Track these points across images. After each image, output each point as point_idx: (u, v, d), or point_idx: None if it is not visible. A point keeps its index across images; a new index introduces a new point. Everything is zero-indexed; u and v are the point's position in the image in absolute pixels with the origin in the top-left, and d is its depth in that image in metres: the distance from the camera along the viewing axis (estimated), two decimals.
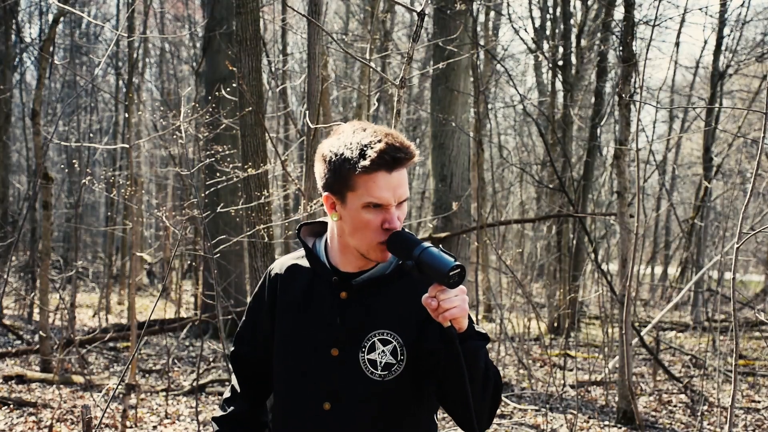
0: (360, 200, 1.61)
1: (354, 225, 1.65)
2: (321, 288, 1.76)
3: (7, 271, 5.39)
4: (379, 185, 1.59)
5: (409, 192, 1.67)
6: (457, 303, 1.56)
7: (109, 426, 5.82)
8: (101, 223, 22.78)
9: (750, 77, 15.11)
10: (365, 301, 1.73)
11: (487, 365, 1.67)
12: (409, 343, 1.71)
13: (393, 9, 12.41)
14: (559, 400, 7.09)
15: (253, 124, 4.52)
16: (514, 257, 12.68)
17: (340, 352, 1.72)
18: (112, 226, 13.92)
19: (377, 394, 1.71)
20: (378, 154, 1.57)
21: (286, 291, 1.81)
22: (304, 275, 1.80)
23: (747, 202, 3.01)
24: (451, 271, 1.53)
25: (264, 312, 1.86)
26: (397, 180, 1.61)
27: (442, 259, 1.56)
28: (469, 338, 1.64)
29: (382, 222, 1.62)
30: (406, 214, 1.68)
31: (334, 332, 1.72)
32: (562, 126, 11.23)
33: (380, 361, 1.70)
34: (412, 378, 1.72)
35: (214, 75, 10.45)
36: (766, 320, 3.34)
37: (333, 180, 1.64)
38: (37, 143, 7.81)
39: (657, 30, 13.96)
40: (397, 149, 1.60)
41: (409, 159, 1.62)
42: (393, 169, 1.60)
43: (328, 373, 1.73)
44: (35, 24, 17.53)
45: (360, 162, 1.58)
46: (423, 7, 2.75)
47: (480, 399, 1.67)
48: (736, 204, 11.87)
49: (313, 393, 1.74)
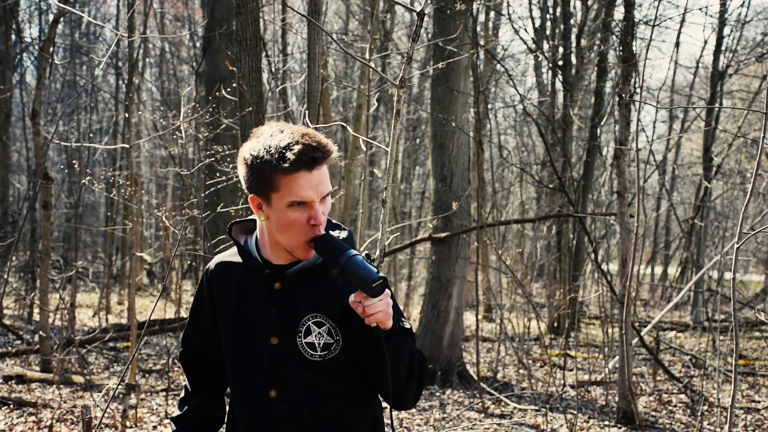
0: (284, 200, 1.67)
1: (280, 224, 1.71)
2: (255, 282, 1.82)
3: (7, 271, 5.39)
4: (300, 185, 1.65)
5: (331, 186, 1.73)
6: (381, 308, 1.65)
7: (109, 426, 5.82)
8: (101, 223, 22.78)
9: (750, 77, 15.11)
10: (297, 290, 1.80)
11: (412, 359, 1.78)
12: (342, 322, 1.78)
13: (393, 9, 12.41)
14: (559, 400, 7.09)
15: (253, 124, 4.52)
16: (514, 257, 12.68)
17: (279, 340, 1.79)
18: (112, 226, 13.92)
19: (320, 375, 1.78)
20: (296, 156, 1.63)
21: (222, 287, 1.88)
22: (237, 271, 1.86)
23: (747, 202, 3.01)
24: (374, 283, 1.61)
25: (204, 309, 1.93)
26: (318, 177, 1.68)
27: (365, 270, 1.63)
28: (394, 335, 1.73)
29: (307, 219, 1.69)
30: (330, 207, 1.75)
31: (271, 322, 1.79)
32: (562, 126, 11.23)
33: (318, 342, 1.77)
34: (351, 356, 1.80)
35: (214, 75, 10.45)
36: (766, 320, 3.34)
37: (256, 182, 1.69)
38: (37, 143, 7.81)
39: (657, 30, 13.96)
40: (315, 149, 1.66)
41: (327, 157, 1.69)
42: (313, 167, 1.66)
43: (271, 361, 1.79)
44: (35, 24, 17.52)
45: (280, 164, 1.64)
46: (423, 7, 2.75)
47: (404, 388, 1.78)
48: (736, 204, 11.88)
49: (259, 382, 1.81)
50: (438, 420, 6.47)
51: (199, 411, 1.99)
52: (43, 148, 8.15)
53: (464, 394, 7.59)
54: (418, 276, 15.37)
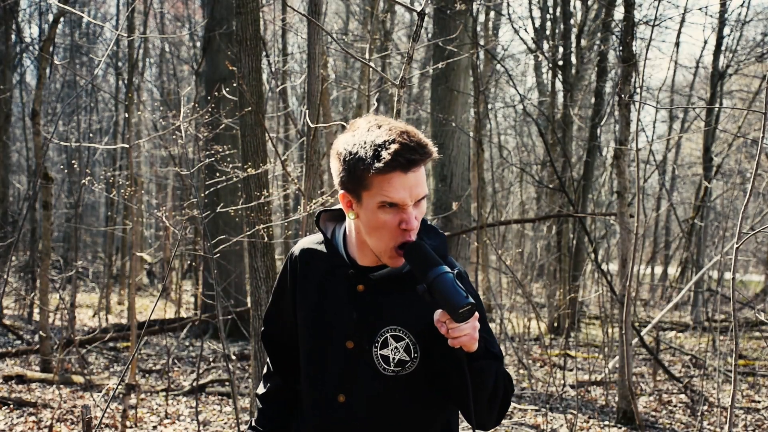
0: (375, 200, 1.58)
1: (370, 225, 1.62)
2: (338, 278, 1.75)
3: (7, 271, 5.39)
4: (394, 186, 1.56)
5: (427, 189, 1.63)
6: (466, 332, 1.54)
7: (109, 426, 5.82)
8: (101, 223, 22.78)
9: (750, 77, 15.11)
10: (381, 296, 1.71)
11: (497, 383, 1.67)
12: (422, 341, 1.70)
13: (393, 9, 12.41)
14: (559, 400, 7.09)
15: (253, 124, 4.52)
16: (514, 257, 12.68)
17: (355, 345, 1.72)
18: (112, 226, 13.92)
19: (390, 389, 1.70)
20: (392, 156, 1.53)
21: (306, 276, 1.81)
22: (322, 261, 1.79)
23: (747, 202, 3.01)
24: (461, 309, 1.51)
25: (286, 295, 1.87)
26: (414, 179, 1.57)
27: (454, 293, 1.52)
28: (479, 359, 1.62)
29: (399, 222, 1.59)
30: (425, 211, 1.65)
31: (350, 325, 1.72)
32: (562, 126, 11.23)
33: (393, 357, 1.69)
34: (426, 375, 1.71)
35: (214, 75, 10.45)
36: (766, 320, 3.34)
37: (348, 179, 1.61)
38: (37, 143, 7.81)
39: (657, 30, 13.96)
40: (413, 150, 1.55)
41: (426, 158, 1.58)
42: (409, 169, 1.56)
43: (343, 365, 1.73)
44: (35, 24, 17.54)
45: (374, 163, 1.54)
46: (423, 7, 2.75)
47: (486, 414, 1.68)
48: (736, 204, 11.88)
49: (329, 384, 1.75)
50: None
51: (281, 389, 1.95)
52: (43, 148, 8.16)
53: None
54: None
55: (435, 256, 1.59)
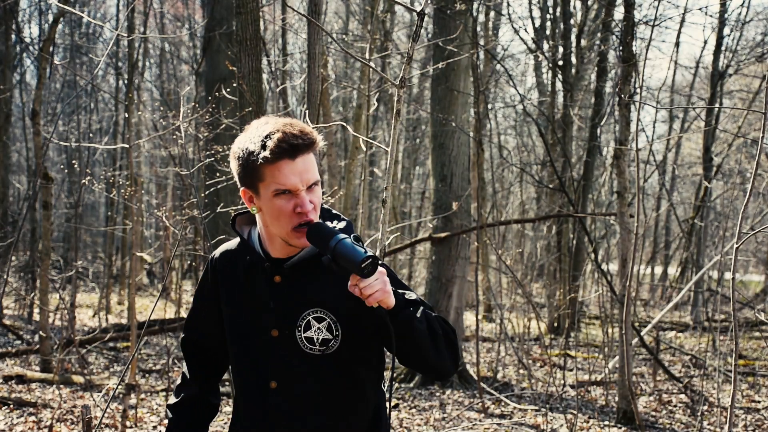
0: (269, 189, 1.70)
1: (270, 214, 1.74)
2: (257, 274, 1.85)
3: (7, 271, 5.39)
4: (284, 172, 1.67)
5: (318, 176, 1.74)
6: (377, 287, 1.64)
7: (109, 426, 5.82)
8: (101, 223, 22.78)
9: (750, 77, 15.11)
10: (298, 283, 1.82)
11: (430, 324, 1.74)
12: (344, 318, 1.79)
13: (393, 9, 12.40)
14: (559, 400, 7.09)
15: None
16: (514, 257, 12.68)
17: (279, 332, 1.81)
18: (112, 226, 13.92)
19: (318, 368, 1.80)
20: (276, 144, 1.66)
21: (226, 276, 1.91)
22: (241, 261, 1.89)
23: (747, 202, 3.01)
24: (363, 263, 1.61)
25: (208, 297, 1.96)
26: (302, 165, 1.69)
27: (353, 252, 1.63)
28: (400, 311, 1.71)
29: (293, 207, 1.70)
30: (320, 196, 1.76)
31: (272, 314, 1.82)
32: (562, 126, 11.23)
33: (317, 337, 1.79)
34: (351, 351, 1.81)
35: (214, 75, 10.45)
36: (766, 320, 3.34)
37: (244, 174, 1.73)
38: (37, 143, 7.81)
39: (657, 30, 13.96)
40: (295, 136, 1.68)
41: (310, 144, 1.70)
42: (295, 155, 1.68)
43: (271, 353, 1.83)
44: (35, 24, 17.54)
45: (262, 153, 1.67)
46: (423, 7, 2.75)
47: (436, 356, 1.76)
48: (736, 204, 11.88)
49: (260, 373, 1.85)
50: (438, 420, 6.47)
51: (196, 399, 2.02)
52: (43, 148, 8.15)
53: (464, 394, 7.59)
54: (418, 276, 15.37)
55: (332, 229, 1.70)
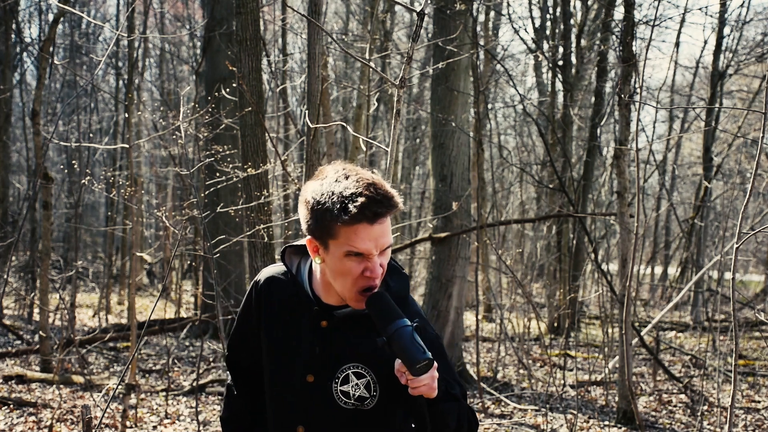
0: (341, 249, 1.62)
1: (335, 271, 1.67)
2: (302, 313, 1.79)
3: (7, 271, 5.39)
4: (360, 237, 1.60)
5: (392, 239, 1.67)
6: (425, 383, 1.59)
7: (109, 426, 5.83)
8: (101, 223, 22.78)
9: (750, 77, 15.11)
10: (344, 333, 1.75)
11: (460, 423, 1.72)
12: (384, 378, 1.74)
13: (393, 9, 12.41)
14: (559, 400, 7.09)
15: (253, 124, 4.52)
16: (514, 257, 12.68)
17: (316, 379, 1.76)
18: (112, 226, 13.92)
19: (349, 422, 1.75)
20: (359, 209, 1.57)
21: (271, 306, 1.84)
22: (287, 294, 1.82)
23: (747, 202, 3.01)
24: (418, 365, 1.56)
25: (251, 321, 1.90)
26: (379, 231, 1.61)
27: (412, 349, 1.57)
28: (440, 402, 1.67)
29: (363, 270, 1.64)
30: (389, 258, 1.70)
31: (312, 360, 1.76)
32: (562, 126, 11.23)
33: (353, 393, 1.74)
34: (385, 411, 1.76)
35: (214, 75, 10.45)
36: (766, 320, 3.34)
37: (315, 227, 1.64)
38: (37, 143, 7.81)
39: (657, 30, 13.96)
40: (379, 203, 1.59)
41: (391, 211, 1.62)
42: (375, 221, 1.60)
43: (303, 398, 1.77)
44: (35, 24, 17.54)
45: (341, 215, 1.58)
46: (423, 7, 2.75)
47: None
48: (736, 204, 11.88)
49: (289, 414, 1.79)
50: None
51: (244, 413, 1.98)
52: (43, 148, 8.16)
53: None
54: (418, 276, 15.36)
55: (396, 308, 1.63)
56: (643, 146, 11.52)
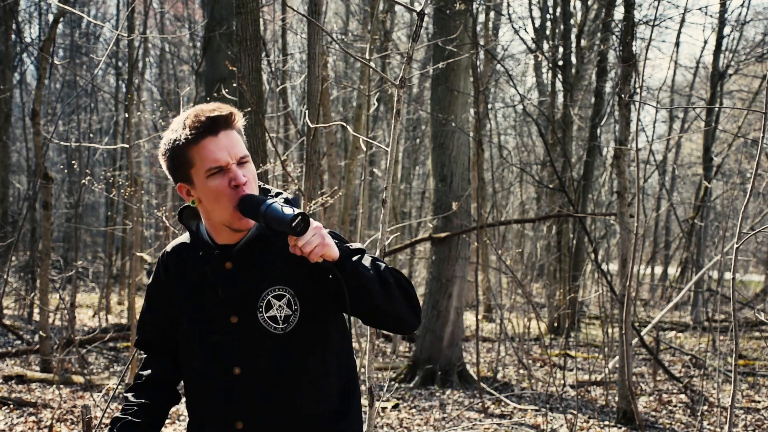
0: (201, 172, 1.69)
1: (209, 199, 1.72)
2: (208, 263, 1.82)
3: (7, 271, 5.40)
4: (210, 149, 1.68)
5: (245, 150, 1.73)
6: (316, 242, 1.63)
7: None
8: (101, 223, 22.78)
9: (750, 77, 15.11)
10: (250, 266, 1.80)
11: (377, 270, 1.72)
12: (300, 289, 1.78)
13: (393, 9, 12.41)
14: (559, 400, 7.09)
15: (253, 124, 4.52)
16: (514, 257, 12.68)
17: (239, 318, 1.79)
18: (112, 226, 13.92)
19: (282, 347, 1.78)
20: (193, 122, 1.67)
21: (180, 271, 1.89)
22: (193, 254, 1.87)
23: (747, 202, 3.01)
24: (293, 222, 1.61)
25: (160, 295, 1.93)
26: (226, 140, 1.69)
27: (282, 213, 1.63)
28: (346, 260, 1.69)
29: (229, 182, 1.69)
30: (253, 173, 1.75)
31: (228, 301, 1.80)
32: (562, 126, 11.23)
33: (279, 315, 1.77)
34: (312, 324, 1.79)
35: (214, 75, 10.44)
36: (766, 320, 3.34)
37: (173, 166, 1.73)
38: (37, 143, 7.81)
39: (657, 30, 13.96)
40: (211, 111, 1.68)
41: (228, 117, 1.70)
42: (217, 131, 1.68)
43: (232, 339, 1.79)
44: (35, 24, 17.52)
45: (182, 134, 1.68)
46: (423, 7, 2.75)
47: (389, 302, 1.72)
48: (736, 204, 11.88)
49: (222, 361, 1.81)
50: (438, 420, 6.47)
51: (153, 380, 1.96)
52: (43, 148, 8.16)
53: (464, 394, 7.59)
54: (418, 276, 15.37)
55: (260, 198, 1.68)
56: (643, 146, 11.52)
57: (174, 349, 1.96)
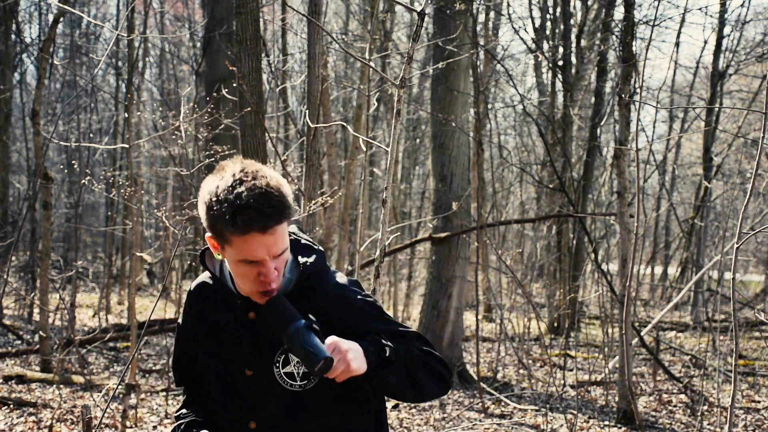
0: (234, 255, 1.61)
1: (233, 272, 1.67)
2: (230, 309, 1.77)
3: (7, 271, 5.39)
4: (251, 247, 1.58)
5: (286, 242, 1.64)
6: (340, 368, 1.56)
7: (109, 426, 5.82)
8: (101, 223, 22.78)
9: (750, 77, 15.11)
10: None
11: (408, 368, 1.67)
12: None
13: (393, 9, 12.41)
14: (559, 400, 7.09)
15: (253, 124, 4.52)
16: (514, 257, 12.68)
17: (254, 371, 1.74)
18: (112, 226, 13.92)
19: (300, 404, 1.72)
20: (248, 223, 1.55)
21: (203, 312, 1.83)
22: (215, 296, 1.81)
23: (747, 202, 3.01)
24: (316, 367, 1.54)
25: (189, 337, 1.88)
26: (271, 240, 1.59)
27: (307, 353, 1.55)
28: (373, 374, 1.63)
29: (257, 274, 1.63)
30: (285, 261, 1.67)
31: (245, 353, 1.74)
32: (562, 126, 11.22)
33: (297, 372, 1.72)
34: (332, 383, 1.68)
35: (214, 75, 10.45)
36: (766, 320, 3.34)
37: (209, 226, 1.63)
38: (37, 143, 7.81)
39: (657, 30, 13.96)
40: (268, 217, 1.56)
41: (282, 221, 1.59)
42: (266, 230, 1.57)
43: (245, 392, 1.75)
44: (35, 24, 17.53)
45: (230, 227, 1.56)
46: (423, 7, 2.75)
47: (420, 395, 1.71)
48: (736, 204, 11.88)
49: (237, 413, 1.77)
50: (438, 420, 6.47)
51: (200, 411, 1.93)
52: (43, 148, 8.15)
53: (464, 394, 7.59)
54: (418, 276, 15.37)
55: (291, 309, 1.62)
56: (643, 146, 11.52)
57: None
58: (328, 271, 1.78)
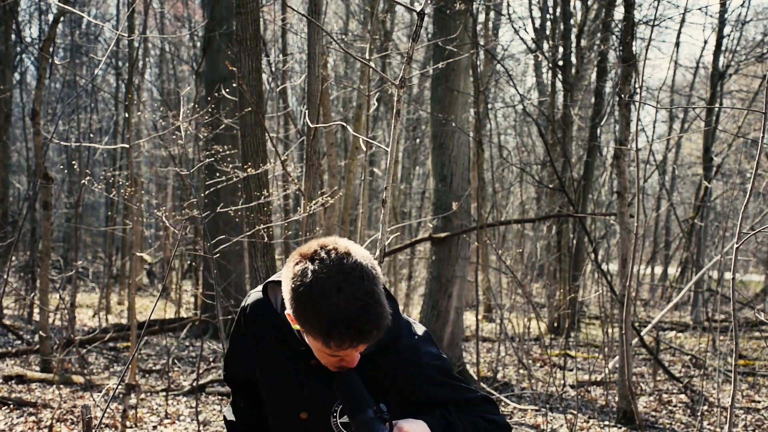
0: (319, 348, 1.55)
1: (314, 348, 1.59)
2: (291, 350, 1.72)
3: (7, 271, 5.39)
4: (340, 353, 1.54)
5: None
6: None
7: (109, 426, 5.82)
8: (101, 223, 22.78)
9: (750, 77, 15.12)
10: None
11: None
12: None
13: (393, 9, 12.41)
14: (559, 400, 7.09)
15: (253, 124, 4.52)
16: (514, 257, 12.68)
17: (309, 416, 1.72)
18: (112, 226, 13.92)
19: None
20: (342, 339, 1.46)
21: (260, 338, 1.78)
22: (275, 328, 1.75)
23: (747, 202, 3.01)
24: None
25: (245, 346, 1.85)
26: (357, 353, 1.56)
27: None
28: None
29: (338, 361, 1.59)
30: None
31: (302, 398, 1.72)
32: (562, 126, 11.23)
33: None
34: None
35: (214, 75, 10.45)
36: (766, 320, 3.34)
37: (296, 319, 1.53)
38: (37, 143, 7.81)
39: (657, 30, 13.96)
40: (365, 335, 1.47)
41: (380, 335, 1.52)
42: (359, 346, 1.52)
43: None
44: (35, 24, 17.55)
45: (322, 336, 1.47)
46: (423, 7, 2.75)
47: None
48: (736, 204, 11.88)
49: None
50: None
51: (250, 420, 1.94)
52: (43, 148, 8.15)
53: None
54: (418, 276, 15.37)
55: (362, 394, 1.58)
56: (643, 146, 11.53)
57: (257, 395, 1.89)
58: (401, 328, 1.69)
